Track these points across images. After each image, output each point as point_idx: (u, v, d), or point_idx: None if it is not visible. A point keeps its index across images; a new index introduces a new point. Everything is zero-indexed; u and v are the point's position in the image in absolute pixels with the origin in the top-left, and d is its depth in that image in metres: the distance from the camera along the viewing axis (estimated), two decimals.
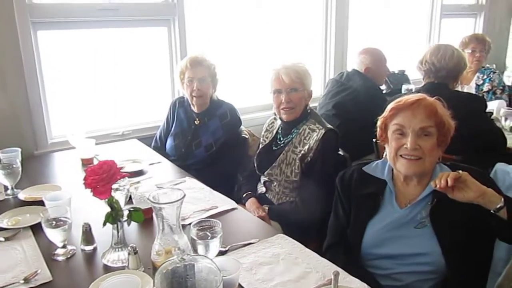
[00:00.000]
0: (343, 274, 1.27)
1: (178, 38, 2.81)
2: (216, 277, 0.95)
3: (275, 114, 2.19)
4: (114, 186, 1.30)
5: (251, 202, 2.07)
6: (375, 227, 1.49)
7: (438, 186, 1.29)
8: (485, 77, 3.46)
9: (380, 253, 1.47)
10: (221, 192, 1.89)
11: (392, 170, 1.52)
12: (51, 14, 2.41)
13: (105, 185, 1.20)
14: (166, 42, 2.85)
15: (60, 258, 1.38)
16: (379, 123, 1.52)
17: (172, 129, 2.57)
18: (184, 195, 1.11)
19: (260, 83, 3.29)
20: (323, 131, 1.97)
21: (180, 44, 2.82)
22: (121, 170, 1.31)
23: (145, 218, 1.37)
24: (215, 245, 1.26)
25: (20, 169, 1.86)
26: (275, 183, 2.10)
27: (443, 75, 2.28)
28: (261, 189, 2.18)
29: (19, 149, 2.00)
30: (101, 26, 2.61)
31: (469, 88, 3.36)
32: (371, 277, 1.43)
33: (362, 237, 1.50)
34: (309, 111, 2.10)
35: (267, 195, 2.14)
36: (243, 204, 2.05)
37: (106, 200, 1.29)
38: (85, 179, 1.24)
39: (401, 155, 1.43)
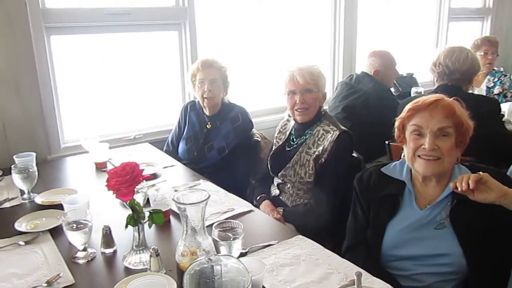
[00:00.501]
0: (365, 274, 1.27)
1: (189, 42, 2.83)
2: (244, 277, 0.95)
3: (289, 116, 2.19)
4: None
5: (265, 205, 2.06)
6: (395, 228, 1.49)
7: (459, 189, 1.29)
8: (496, 79, 3.46)
9: (400, 255, 1.47)
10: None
11: (411, 171, 1.52)
12: (64, 19, 2.43)
13: (128, 186, 1.20)
14: (177, 46, 2.87)
15: (81, 261, 1.39)
16: (396, 123, 1.52)
17: (184, 133, 2.58)
18: (209, 196, 1.11)
19: (271, 86, 3.31)
20: (337, 132, 1.97)
21: (191, 48, 2.84)
22: None
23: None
24: (237, 246, 1.26)
25: (36, 173, 1.86)
26: (288, 185, 2.10)
27: (457, 77, 2.27)
28: (275, 191, 2.17)
29: (34, 154, 2.01)
30: (113, 31, 2.63)
31: (480, 90, 3.36)
32: (391, 278, 1.43)
33: (382, 239, 1.49)
34: (323, 112, 2.10)
35: (280, 197, 2.14)
36: (257, 207, 2.04)
37: (128, 202, 1.29)
38: (107, 181, 1.24)
39: (419, 156, 1.43)
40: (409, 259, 1.45)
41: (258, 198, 2.13)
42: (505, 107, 2.92)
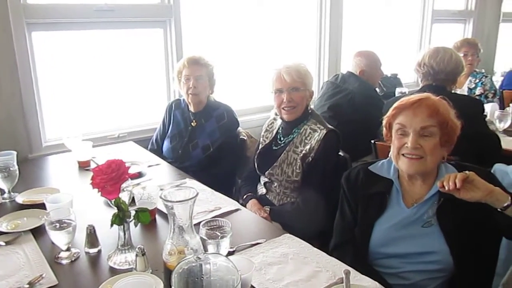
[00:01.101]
0: (353, 272, 1.27)
1: (174, 40, 2.80)
2: (233, 276, 0.93)
3: (276, 115, 2.18)
4: None
5: (252, 203, 2.05)
6: (382, 227, 1.49)
7: (446, 188, 1.29)
8: (477, 81, 3.51)
9: (387, 252, 1.47)
10: None
11: (398, 169, 1.52)
12: (46, 15, 2.37)
13: (114, 184, 1.17)
14: (162, 43, 2.84)
15: (64, 262, 1.35)
16: (384, 122, 1.53)
17: (169, 131, 2.55)
18: (197, 194, 1.09)
19: (257, 85, 3.30)
20: (324, 131, 1.97)
21: (176, 46, 2.81)
22: None
23: None
24: (225, 245, 1.25)
25: (17, 172, 1.82)
26: (275, 184, 2.09)
27: (441, 77, 2.30)
28: (261, 190, 2.16)
29: (15, 152, 1.96)
30: (96, 27, 2.59)
31: (462, 91, 3.41)
32: (378, 276, 1.43)
33: (370, 237, 1.49)
34: (310, 111, 2.10)
35: (267, 196, 2.13)
36: (244, 206, 2.03)
37: (113, 200, 1.26)
38: (92, 178, 1.21)
39: (403, 154, 1.43)
40: (397, 257, 1.46)
41: (244, 197, 2.11)
42: (487, 108, 2.97)
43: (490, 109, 2.97)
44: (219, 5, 3.06)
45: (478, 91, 3.51)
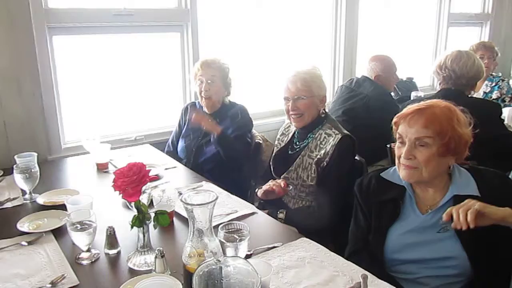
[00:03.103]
0: (371, 277, 1.27)
1: (190, 44, 2.83)
2: (253, 279, 0.95)
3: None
4: None
5: (265, 185, 2.04)
6: (397, 233, 1.49)
7: (458, 227, 1.26)
8: (493, 84, 3.48)
9: (404, 258, 1.47)
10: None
11: None
12: (67, 19, 2.42)
13: (135, 187, 1.19)
14: (179, 47, 2.87)
15: (84, 262, 1.38)
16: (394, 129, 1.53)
17: (184, 131, 2.58)
18: (217, 197, 1.10)
19: (272, 89, 3.31)
20: (339, 136, 1.98)
21: (193, 50, 2.84)
22: None
23: None
24: (243, 248, 1.26)
25: (38, 173, 1.85)
26: (291, 187, 2.10)
27: (462, 82, 2.27)
28: None
29: (36, 154, 2.00)
30: (115, 32, 2.63)
31: (477, 95, 3.38)
32: (396, 282, 1.42)
33: (384, 243, 1.49)
34: (323, 115, 2.10)
35: (283, 199, 2.14)
36: (259, 198, 2.04)
37: (133, 203, 1.28)
38: (114, 181, 1.23)
39: (402, 163, 1.43)
40: (414, 262, 1.45)
41: (256, 190, 2.11)
42: (505, 111, 2.94)
43: (508, 113, 2.94)
44: (235, 9, 3.08)
45: (494, 95, 3.48)
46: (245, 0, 3.13)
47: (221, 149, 2.33)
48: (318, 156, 1.99)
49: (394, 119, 1.47)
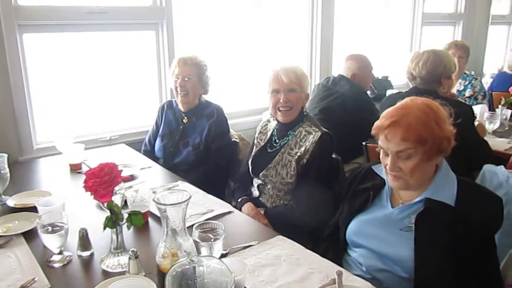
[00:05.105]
0: (345, 273, 1.28)
1: (166, 42, 2.80)
2: (227, 278, 0.94)
3: (271, 116, 2.20)
4: None
5: (249, 207, 2.05)
6: (361, 217, 1.51)
7: None
8: (466, 83, 3.56)
9: (359, 243, 1.50)
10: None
11: None
12: (38, 17, 2.36)
13: (106, 187, 1.17)
14: (154, 46, 2.83)
15: (56, 265, 1.35)
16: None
17: (161, 130, 2.56)
18: (190, 196, 1.09)
19: (249, 88, 3.31)
20: (319, 133, 1.99)
21: (168, 48, 2.81)
22: None
23: None
24: (218, 247, 1.25)
25: (8, 174, 1.81)
26: (269, 186, 2.10)
27: (421, 81, 2.31)
28: (254, 192, 2.17)
29: (6, 155, 1.94)
30: (88, 30, 2.58)
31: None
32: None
33: (347, 226, 1.53)
34: (305, 113, 2.11)
35: (260, 198, 2.14)
36: (239, 209, 2.03)
37: (106, 204, 1.26)
38: (85, 182, 1.21)
39: (389, 173, 1.41)
40: (367, 249, 1.47)
41: (239, 200, 2.11)
42: (476, 109, 3.00)
43: (480, 110, 3.00)
44: (211, 7, 3.06)
45: (468, 93, 3.55)
46: None
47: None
48: (299, 154, 2.00)
49: (373, 131, 1.43)
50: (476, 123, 2.57)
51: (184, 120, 2.48)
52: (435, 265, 1.32)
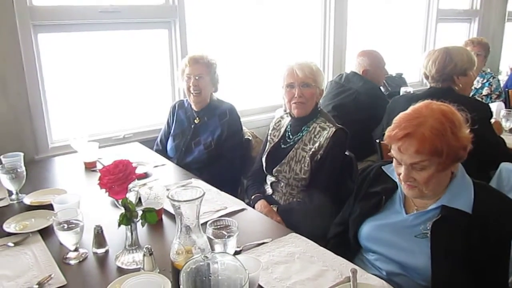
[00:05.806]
0: (360, 271, 1.27)
1: (178, 41, 2.81)
2: (241, 275, 0.94)
3: (284, 112, 2.19)
4: None
5: (262, 205, 2.04)
6: (373, 223, 1.48)
7: None
8: (484, 81, 3.50)
9: (373, 249, 1.48)
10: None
11: None
12: (52, 17, 2.39)
13: (121, 184, 1.18)
14: (167, 44, 2.85)
15: (72, 262, 1.36)
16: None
17: (172, 130, 2.56)
18: (204, 193, 1.09)
19: (262, 85, 3.30)
20: (333, 129, 1.98)
21: (181, 46, 2.82)
22: None
23: None
24: (232, 244, 1.25)
25: (24, 173, 1.83)
26: (282, 183, 2.09)
27: (432, 80, 2.26)
28: (268, 190, 2.17)
29: (22, 154, 1.97)
30: (102, 29, 2.60)
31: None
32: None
33: (358, 230, 1.51)
34: (319, 109, 2.11)
35: (273, 196, 2.13)
36: (252, 207, 2.03)
37: (120, 201, 1.27)
38: (100, 179, 1.22)
39: (403, 181, 1.37)
40: (381, 255, 1.45)
41: (252, 197, 2.11)
42: (493, 107, 2.95)
43: (496, 108, 2.96)
44: (223, 5, 3.06)
45: (485, 91, 3.50)
46: None
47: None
48: (313, 149, 2.00)
49: (385, 139, 1.38)
50: (492, 120, 2.51)
51: (196, 121, 2.48)
52: (452, 273, 1.29)
